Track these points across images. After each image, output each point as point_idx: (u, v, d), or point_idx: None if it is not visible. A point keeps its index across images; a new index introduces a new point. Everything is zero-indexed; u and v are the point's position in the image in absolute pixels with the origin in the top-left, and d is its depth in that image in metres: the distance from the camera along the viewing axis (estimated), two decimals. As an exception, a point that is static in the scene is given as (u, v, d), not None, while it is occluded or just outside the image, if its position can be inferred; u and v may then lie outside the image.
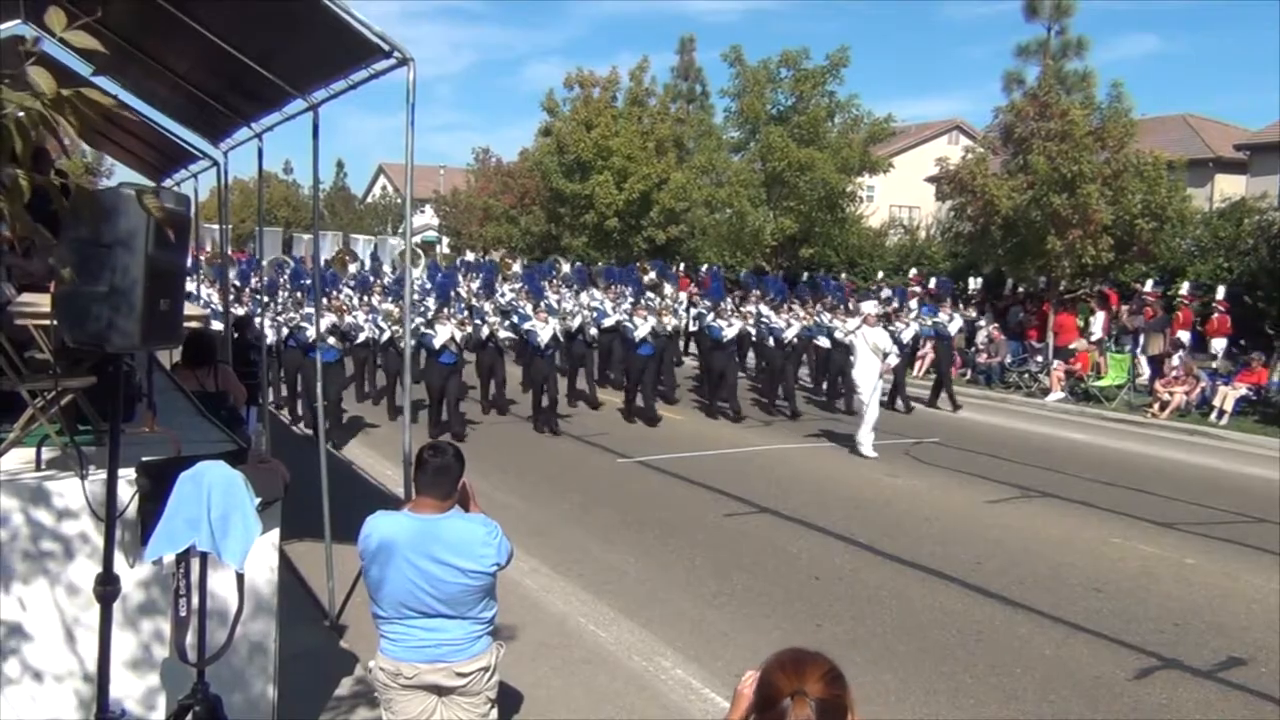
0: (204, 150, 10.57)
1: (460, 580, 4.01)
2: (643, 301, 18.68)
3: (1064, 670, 6.79)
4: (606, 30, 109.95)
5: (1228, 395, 17.00)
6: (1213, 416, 16.91)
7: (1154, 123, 26.63)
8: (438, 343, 14.55)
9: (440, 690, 4.14)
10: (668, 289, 24.42)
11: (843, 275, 27.24)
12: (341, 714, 5.67)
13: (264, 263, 28.17)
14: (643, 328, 16.05)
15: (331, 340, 14.17)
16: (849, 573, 8.87)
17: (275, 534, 4.72)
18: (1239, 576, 8.91)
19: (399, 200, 50.84)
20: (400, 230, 43.37)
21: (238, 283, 22.49)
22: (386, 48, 5.38)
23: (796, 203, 26.88)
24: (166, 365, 8.36)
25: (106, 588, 3.68)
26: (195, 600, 3.50)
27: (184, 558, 3.41)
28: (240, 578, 3.45)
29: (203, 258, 34.95)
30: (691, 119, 34.98)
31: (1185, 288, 20.85)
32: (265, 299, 17.55)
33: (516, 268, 30.33)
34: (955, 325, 19.69)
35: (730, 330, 16.95)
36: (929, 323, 19.34)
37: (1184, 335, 20.06)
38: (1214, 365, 18.81)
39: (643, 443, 14.51)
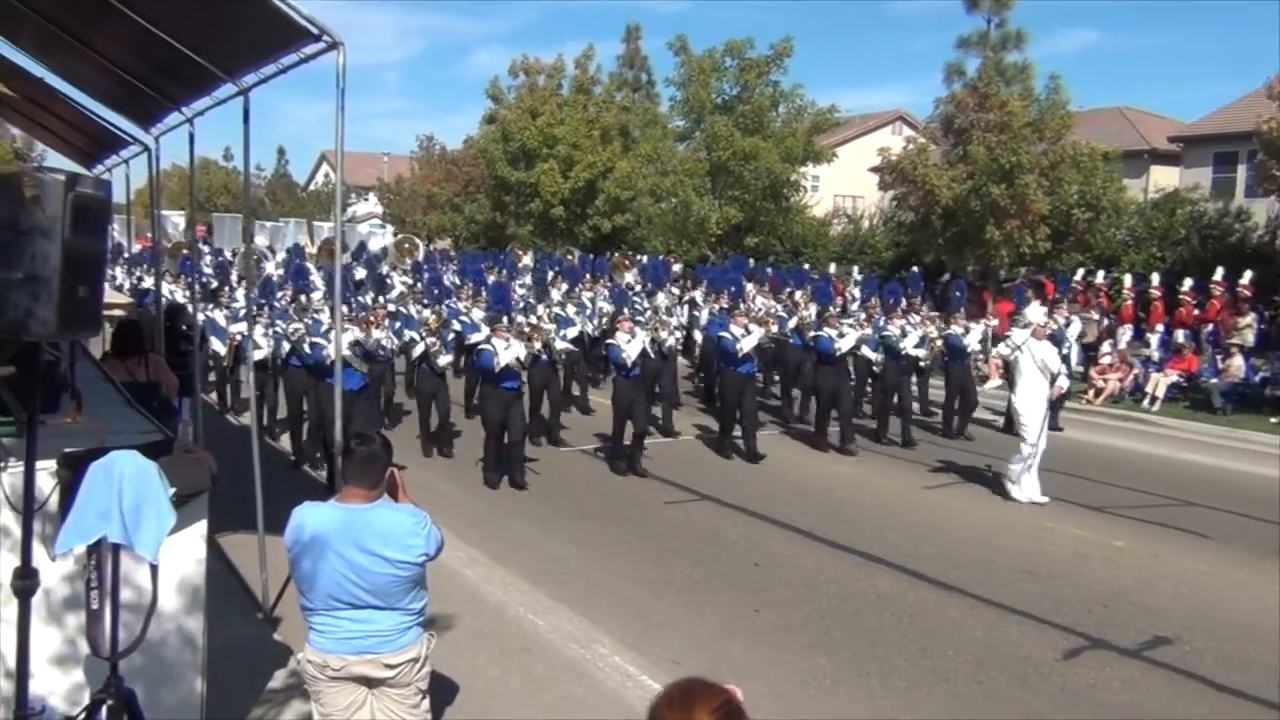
0: (135, 135, 10.36)
1: (388, 571, 3.98)
2: (626, 312, 14.18)
3: (994, 651, 6.91)
4: (553, 18, 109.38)
5: (1160, 382, 17.40)
6: (1145, 403, 17.29)
7: (1091, 115, 27.08)
8: (500, 361, 11.08)
9: (370, 682, 4.10)
10: (661, 299, 19.58)
11: (832, 266, 26.45)
12: (274, 707, 5.60)
13: (229, 253, 26.76)
14: (632, 346, 11.97)
15: (356, 361, 11.10)
16: (788, 559, 8.95)
17: (203, 525, 4.65)
18: (1167, 558, 9.13)
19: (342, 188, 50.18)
20: (345, 217, 42.79)
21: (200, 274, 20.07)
22: (315, 31, 5.31)
23: (741, 192, 27.02)
24: (97, 356, 8.19)
25: (25, 582, 3.60)
26: (108, 592, 3.43)
27: (96, 550, 3.34)
28: (154, 569, 3.40)
29: (165, 244, 33.52)
30: (637, 108, 34.95)
31: (1129, 280, 21.17)
32: (259, 303, 14.59)
33: (528, 260, 26.74)
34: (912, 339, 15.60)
35: (749, 340, 12.85)
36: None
37: (1128, 327, 20.35)
38: (1146, 353, 19.22)
39: (583, 432, 14.49)
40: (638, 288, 20.35)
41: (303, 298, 14.98)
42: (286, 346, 12.31)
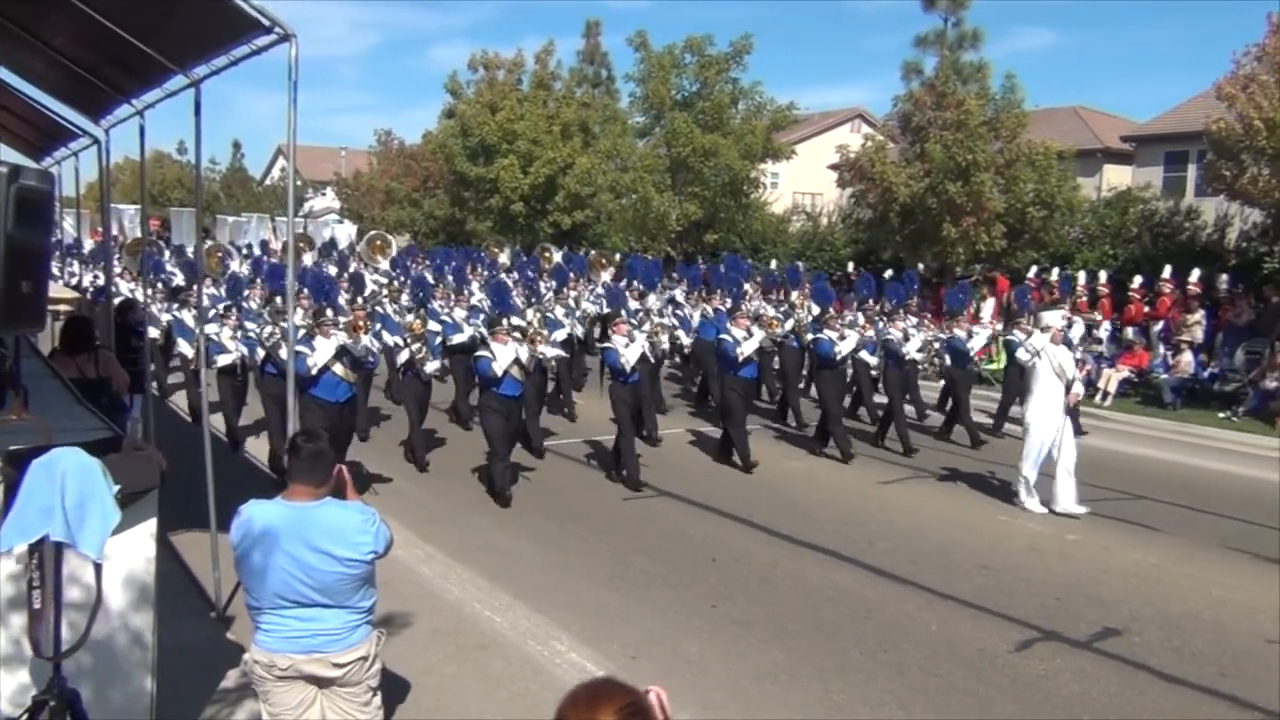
0: (84, 128, 10.17)
1: (336, 569, 3.94)
2: (623, 314, 13.46)
3: (949, 644, 6.99)
4: (513, 13, 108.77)
5: (1111, 377, 17.65)
6: (1097, 398, 17.53)
7: (1046, 114, 27.38)
8: (498, 367, 10.35)
9: (320, 681, 4.06)
10: (653, 300, 18.33)
11: (801, 265, 25.52)
12: (226, 707, 5.55)
13: (192, 249, 25.80)
14: (631, 350, 11.30)
15: (339, 370, 9.96)
16: (745, 554, 8.99)
17: (152, 523, 4.58)
18: (1118, 551, 9.27)
19: (298, 182, 49.65)
20: (302, 212, 42.33)
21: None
22: (267, 23, 5.24)
23: (701, 188, 27.04)
24: (46, 352, 8.05)
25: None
26: (51, 592, 3.37)
27: (38, 548, 3.28)
28: (99, 568, 3.34)
29: (117, 237, 32.43)
30: (597, 104, 34.88)
31: (1082, 278, 21.29)
32: (226, 304, 13.85)
33: (504, 257, 26.13)
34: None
35: (750, 344, 12.21)
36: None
37: (1107, 325, 20.41)
38: (1098, 349, 19.46)
39: (542, 428, 14.45)
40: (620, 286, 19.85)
41: (278, 299, 13.22)
42: (261, 353, 11.28)
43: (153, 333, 14.88)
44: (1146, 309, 19.56)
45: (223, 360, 11.90)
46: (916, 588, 8.12)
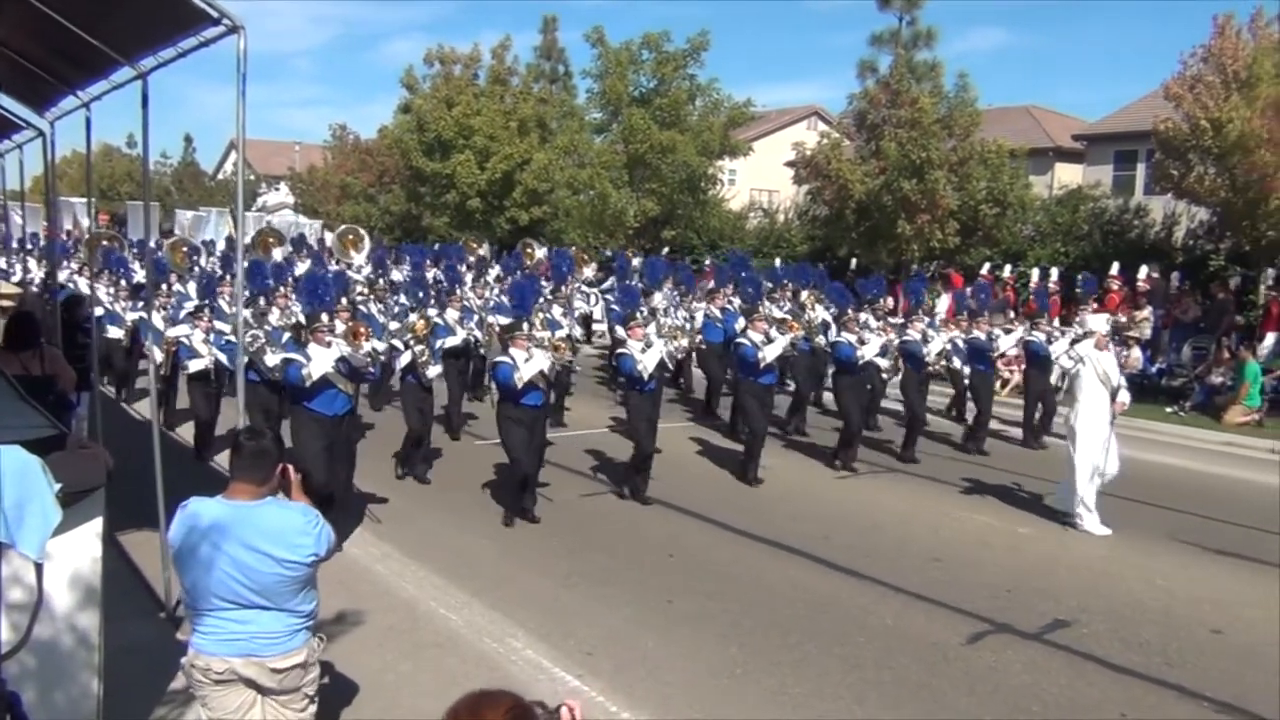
0: (28, 120, 9.97)
1: (275, 570, 3.86)
2: (639, 316, 11.69)
3: (903, 637, 7.05)
4: (470, 8, 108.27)
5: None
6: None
7: (999, 113, 27.76)
8: (523, 376, 9.37)
9: (257, 687, 3.98)
10: (659, 299, 16.62)
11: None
12: (176, 708, 5.46)
13: (156, 244, 25.04)
14: (649, 356, 10.43)
15: (339, 380, 8.96)
16: (702, 550, 9.01)
17: (99, 522, 4.50)
18: (1068, 544, 9.41)
19: (250, 177, 48.99)
20: (256, 207, 41.75)
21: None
22: (215, 14, 5.16)
23: (658, 185, 27.05)
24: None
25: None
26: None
27: (-25, 549, 3.20)
28: (39, 568, 3.27)
29: (71, 231, 31.31)
30: (554, 99, 34.74)
31: (1035, 274, 21.50)
32: (187, 299, 13.32)
33: (484, 253, 25.36)
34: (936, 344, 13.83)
35: (772, 349, 11.34)
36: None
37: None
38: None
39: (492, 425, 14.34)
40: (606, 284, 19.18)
41: (261, 300, 12.25)
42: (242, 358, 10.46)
43: (117, 332, 14.62)
44: (1095, 305, 19.83)
45: (194, 366, 11.17)
46: (871, 582, 8.19)
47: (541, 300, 15.25)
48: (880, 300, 15.88)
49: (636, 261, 23.39)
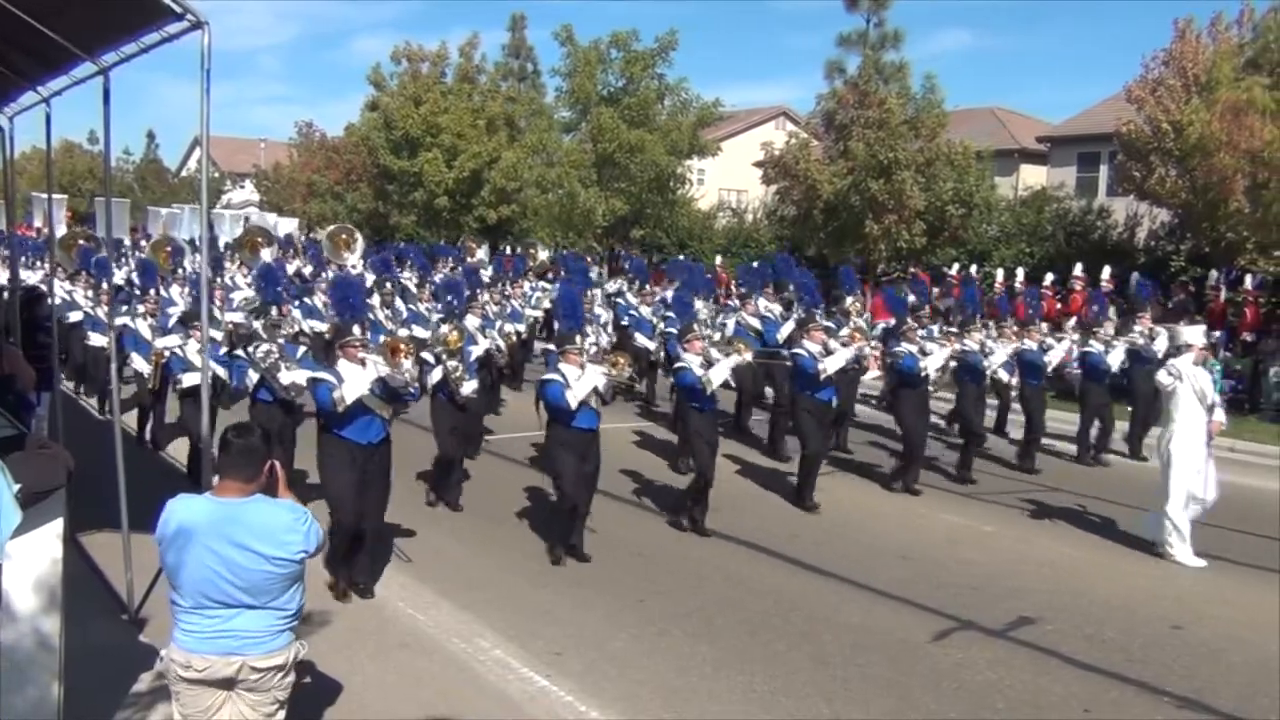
0: (-14, 115, 9.79)
1: (263, 567, 3.86)
2: (696, 329, 10.48)
3: (871, 634, 7.11)
4: (438, 5, 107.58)
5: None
6: (1014, 393, 17.86)
7: (965, 114, 27.95)
8: (575, 396, 8.41)
9: (232, 684, 3.96)
10: (701, 308, 14.51)
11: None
12: (139, 711, 5.41)
13: (129, 243, 23.87)
14: (716, 371, 9.59)
15: (376, 405, 7.63)
16: (672, 550, 9.03)
17: (59, 523, 4.46)
18: (1033, 542, 9.53)
19: (215, 174, 48.50)
20: (221, 204, 41.32)
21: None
22: (179, 10, 5.10)
23: (627, 184, 27.02)
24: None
25: None
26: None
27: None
28: None
29: (41, 229, 29.90)
30: (523, 98, 34.62)
31: (1000, 275, 21.63)
32: (171, 304, 12.34)
33: (481, 254, 24.24)
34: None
35: (834, 361, 10.49)
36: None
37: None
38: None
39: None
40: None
41: (274, 309, 10.37)
42: (254, 375, 9.23)
43: (101, 339, 13.28)
44: (1059, 305, 20.06)
45: (189, 380, 10.01)
46: (839, 580, 8.25)
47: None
48: (923, 307, 15.16)
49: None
